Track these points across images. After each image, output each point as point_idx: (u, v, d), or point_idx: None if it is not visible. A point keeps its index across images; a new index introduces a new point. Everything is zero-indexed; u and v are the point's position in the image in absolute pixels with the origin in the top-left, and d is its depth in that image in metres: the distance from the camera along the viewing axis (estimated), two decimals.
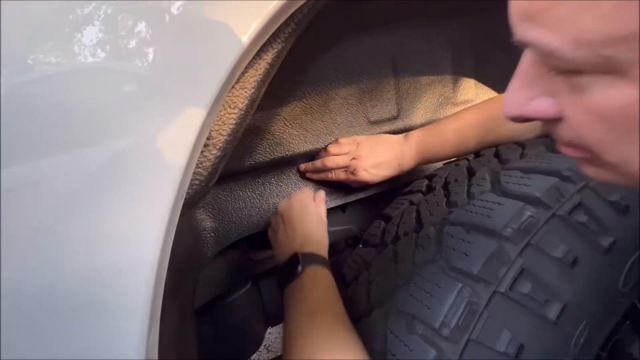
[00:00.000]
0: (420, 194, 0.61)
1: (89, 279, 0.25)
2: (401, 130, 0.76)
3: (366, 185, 0.73)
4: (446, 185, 0.56)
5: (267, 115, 0.64)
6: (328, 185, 0.74)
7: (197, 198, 0.37)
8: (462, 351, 0.38)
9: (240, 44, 0.28)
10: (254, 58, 0.33)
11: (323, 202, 0.67)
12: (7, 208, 0.23)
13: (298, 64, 0.64)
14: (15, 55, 0.24)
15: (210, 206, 0.64)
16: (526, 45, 0.23)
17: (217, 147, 0.35)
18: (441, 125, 0.65)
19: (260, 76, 0.36)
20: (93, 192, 0.24)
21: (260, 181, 0.69)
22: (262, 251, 0.75)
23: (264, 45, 0.33)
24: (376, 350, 0.43)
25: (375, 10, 0.68)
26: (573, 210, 0.42)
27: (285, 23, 0.34)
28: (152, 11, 0.27)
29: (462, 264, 0.42)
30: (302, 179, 0.73)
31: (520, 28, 0.22)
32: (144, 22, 0.27)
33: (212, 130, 0.34)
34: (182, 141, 0.27)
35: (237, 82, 0.34)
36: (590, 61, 0.19)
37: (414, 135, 0.67)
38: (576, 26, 0.19)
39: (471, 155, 0.63)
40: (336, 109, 0.70)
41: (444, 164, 0.69)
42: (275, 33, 0.33)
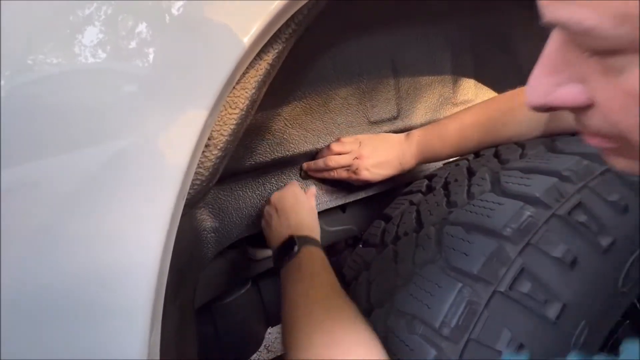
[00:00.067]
0: (420, 194, 0.61)
1: (90, 279, 0.25)
2: (401, 130, 0.76)
3: (367, 185, 0.73)
4: (446, 185, 0.57)
5: (268, 116, 0.64)
6: (329, 184, 0.74)
7: (198, 198, 0.37)
8: (462, 351, 0.38)
9: (242, 44, 0.28)
10: (254, 58, 0.33)
11: (313, 197, 0.68)
12: (9, 208, 0.24)
13: (298, 65, 0.64)
14: (16, 56, 0.24)
15: (210, 206, 0.64)
16: (556, 26, 0.21)
17: (218, 148, 0.35)
18: (442, 125, 0.65)
19: (261, 76, 0.36)
20: (95, 192, 0.25)
21: (261, 181, 0.69)
22: (262, 251, 0.75)
23: (265, 45, 0.33)
24: None
25: (375, 11, 0.68)
26: (573, 210, 0.42)
27: (286, 24, 0.34)
28: (153, 12, 0.27)
29: (462, 264, 0.42)
30: (303, 178, 0.73)
31: (550, 7, 0.20)
32: (145, 23, 0.27)
33: (213, 131, 0.34)
34: (184, 141, 0.27)
35: (238, 82, 0.34)
36: (632, 39, 0.17)
37: (415, 135, 0.68)
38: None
39: (471, 156, 0.63)
40: (336, 109, 0.70)
41: (444, 164, 0.69)
42: (276, 34, 0.33)
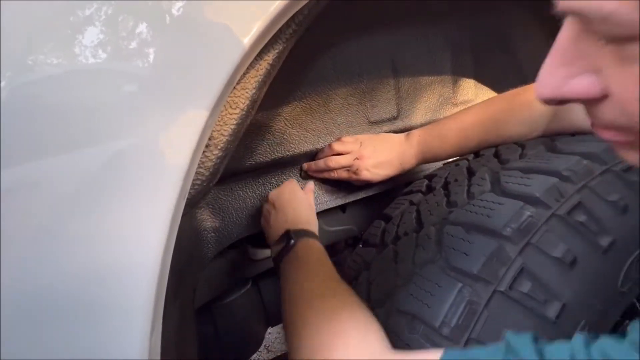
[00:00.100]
0: (421, 194, 0.61)
1: (91, 279, 0.25)
2: (401, 131, 0.76)
3: (367, 185, 0.73)
4: (446, 185, 0.57)
5: (268, 116, 0.64)
6: (329, 184, 0.75)
7: (198, 198, 0.37)
8: None
9: (242, 45, 0.28)
10: (255, 59, 0.34)
11: (311, 192, 0.69)
12: (9, 208, 0.24)
13: (298, 65, 0.64)
14: (16, 56, 0.24)
15: (211, 206, 0.64)
16: (570, 15, 0.20)
17: (219, 148, 0.35)
18: (442, 125, 0.65)
19: (262, 77, 0.36)
20: (96, 192, 0.25)
21: (261, 181, 0.69)
22: (262, 251, 0.75)
23: (265, 46, 0.33)
24: None
25: (375, 11, 0.68)
26: (572, 210, 0.42)
27: (286, 24, 0.34)
28: (155, 13, 0.27)
29: (462, 264, 0.42)
30: (303, 178, 0.74)
31: None
32: (145, 24, 0.27)
33: (214, 131, 0.34)
34: (184, 141, 0.27)
35: (239, 82, 0.34)
36: None
37: (416, 135, 0.68)
38: None
39: (471, 156, 0.63)
40: (336, 109, 0.70)
41: (444, 163, 0.69)
42: (276, 34, 0.33)
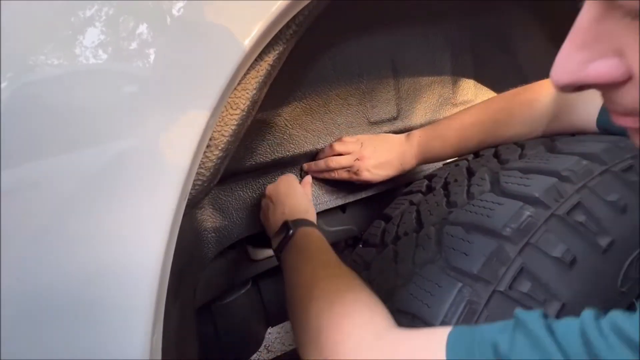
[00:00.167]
0: (420, 194, 0.61)
1: (92, 279, 0.26)
2: (401, 131, 0.76)
3: (367, 185, 0.73)
4: (446, 186, 0.57)
5: (268, 116, 0.64)
6: (329, 184, 0.75)
7: (199, 198, 0.37)
8: None
9: (243, 46, 0.28)
10: (255, 60, 0.34)
11: (309, 185, 0.69)
12: (12, 208, 0.24)
13: (298, 65, 0.64)
14: (17, 57, 0.24)
15: (211, 206, 0.64)
16: None
17: (219, 148, 0.35)
18: (442, 125, 0.65)
19: (262, 77, 0.36)
20: (98, 192, 0.25)
21: (261, 181, 0.69)
22: (263, 251, 0.75)
23: (266, 47, 0.33)
24: None
25: (375, 11, 0.68)
26: (572, 210, 0.42)
27: (287, 25, 0.34)
28: (155, 14, 0.27)
29: (462, 264, 0.42)
30: (303, 179, 0.74)
31: None
32: (146, 24, 0.27)
33: (214, 131, 0.34)
34: (185, 142, 0.27)
35: (239, 83, 0.34)
36: None
37: (416, 135, 0.68)
38: None
39: (471, 156, 0.63)
40: (336, 109, 0.70)
41: (444, 164, 0.69)
42: (276, 35, 0.33)
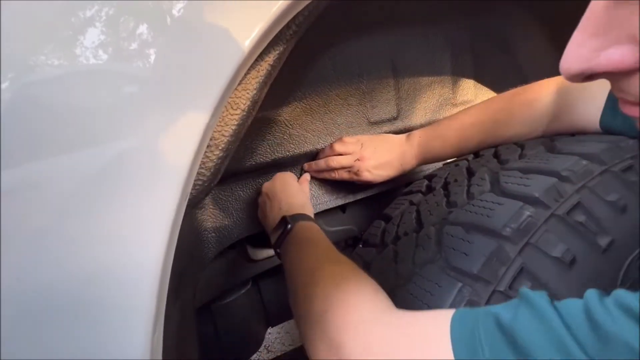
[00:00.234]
0: (420, 194, 0.61)
1: (93, 279, 0.26)
2: (401, 131, 0.76)
3: (367, 185, 0.73)
4: (446, 186, 0.57)
5: (268, 116, 0.64)
6: (329, 184, 0.75)
7: (199, 198, 0.37)
8: None
9: (244, 46, 0.28)
10: (256, 60, 0.34)
11: (306, 182, 0.70)
12: (13, 208, 0.24)
13: (298, 65, 0.64)
14: (17, 57, 0.24)
15: (211, 206, 0.64)
16: None
17: (220, 148, 0.35)
18: (442, 125, 0.66)
19: (262, 77, 0.36)
20: (99, 193, 0.25)
21: (261, 181, 0.69)
22: (263, 251, 0.76)
23: (266, 47, 0.33)
24: None
25: (375, 11, 0.68)
26: (571, 210, 0.42)
27: (287, 25, 0.34)
28: (156, 14, 0.27)
29: (462, 264, 0.42)
30: None
31: None
32: (146, 25, 0.27)
33: (215, 131, 0.34)
34: (186, 142, 0.27)
35: (240, 83, 0.34)
36: None
37: (416, 135, 0.68)
38: None
39: (471, 156, 0.63)
40: (336, 109, 0.70)
41: (444, 164, 0.69)
42: (277, 35, 0.33)
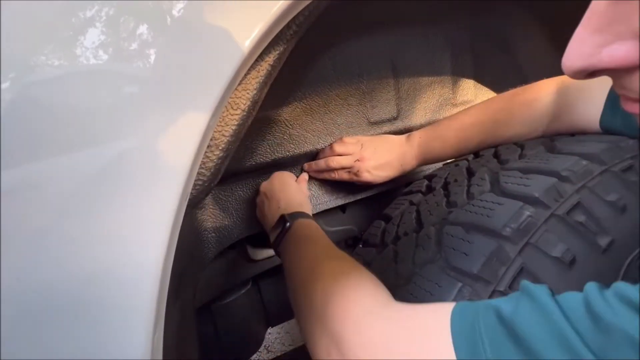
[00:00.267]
0: (420, 194, 0.61)
1: (94, 280, 0.26)
2: (401, 131, 0.76)
3: (368, 185, 0.74)
4: (446, 186, 0.57)
5: (268, 116, 0.64)
6: (329, 184, 0.75)
7: (199, 198, 0.37)
8: None
9: (244, 47, 0.29)
10: (256, 60, 0.34)
11: (305, 182, 0.70)
12: (13, 208, 0.24)
13: (298, 65, 0.64)
14: (18, 58, 0.24)
15: (211, 206, 0.64)
16: None
17: (220, 148, 0.35)
18: (443, 126, 0.66)
19: (262, 77, 0.36)
20: (100, 193, 0.25)
21: (261, 182, 0.69)
22: (263, 251, 0.76)
23: (266, 47, 0.33)
24: None
25: (375, 11, 0.69)
26: (571, 210, 0.42)
27: (287, 26, 0.34)
28: (156, 14, 0.27)
29: (462, 264, 0.42)
30: None
31: None
32: (147, 25, 0.27)
33: (215, 132, 0.34)
34: (187, 142, 0.27)
35: (240, 83, 0.34)
36: None
37: (416, 136, 0.68)
38: None
39: (470, 156, 0.63)
40: (336, 109, 0.70)
41: (444, 164, 0.69)
42: (277, 35, 0.33)
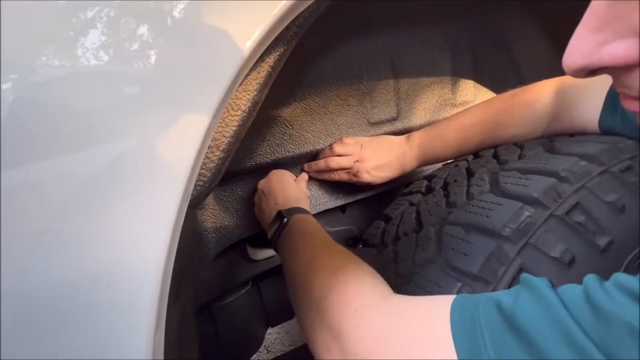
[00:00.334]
0: (420, 195, 0.61)
1: (95, 280, 0.26)
2: (401, 132, 0.77)
3: (367, 186, 0.74)
4: (445, 186, 0.57)
5: (268, 117, 0.64)
6: (329, 185, 0.75)
7: (200, 199, 0.38)
8: None
9: (245, 48, 0.29)
10: (256, 61, 0.34)
11: (304, 181, 0.71)
12: (16, 208, 0.24)
13: (298, 66, 0.64)
14: (18, 58, 0.25)
15: (211, 207, 0.64)
16: None
17: (221, 149, 0.35)
18: (442, 126, 0.66)
19: (263, 79, 0.36)
20: (102, 194, 0.25)
21: None
22: (263, 251, 0.76)
23: (267, 48, 0.33)
24: None
25: (375, 12, 0.69)
26: (570, 210, 0.42)
27: (288, 27, 0.34)
28: (157, 15, 0.27)
29: (461, 264, 0.42)
30: None
31: None
32: (148, 26, 0.27)
33: (216, 132, 0.35)
34: (188, 143, 0.27)
35: (240, 84, 0.34)
36: None
37: (416, 137, 0.68)
38: None
39: (470, 156, 0.63)
40: (336, 110, 0.70)
41: (443, 164, 0.69)
42: (277, 37, 0.33)
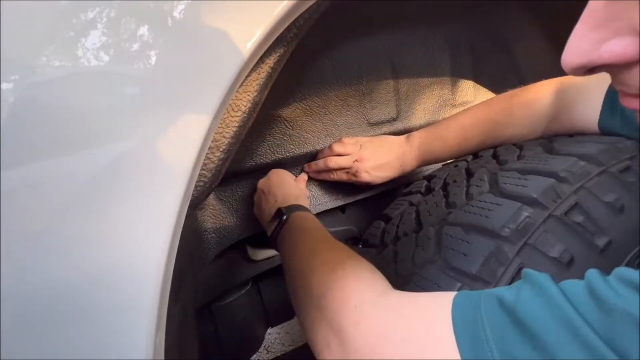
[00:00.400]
0: (420, 195, 0.61)
1: (96, 280, 0.26)
2: (401, 132, 0.77)
3: (367, 186, 0.74)
4: (445, 186, 0.57)
5: (268, 117, 0.65)
6: (329, 185, 0.75)
7: (200, 199, 0.38)
8: None
9: (245, 49, 0.29)
10: (256, 62, 0.34)
11: (304, 181, 0.71)
12: (18, 208, 0.24)
13: (298, 66, 0.64)
14: (19, 58, 0.25)
15: (211, 207, 0.65)
16: None
17: (221, 150, 0.35)
18: (442, 127, 0.66)
19: (263, 79, 0.36)
20: (103, 195, 0.25)
21: None
22: (263, 251, 0.76)
23: (267, 49, 0.34)
24: None
25: (375, 12, 0.69)
26: (569, 210, 0.42)
27: (288, 28, 0.34)
28: (158, 16, 0.27)
29: (461, 264, 0.42)
30: None
31: None
32: (148, 26, 0.27)
33: (216, 133, 0.35)
34: (188, 144, 0.27)
35: (241, 85, 0.35)
36: None
37: (416, 137, 0.68)
38: None
39: (470, 157, 0.64)
40: (336, 110, 0.71)
41: (443, 165, 0.70)
42: (278, 38, 0.34)
